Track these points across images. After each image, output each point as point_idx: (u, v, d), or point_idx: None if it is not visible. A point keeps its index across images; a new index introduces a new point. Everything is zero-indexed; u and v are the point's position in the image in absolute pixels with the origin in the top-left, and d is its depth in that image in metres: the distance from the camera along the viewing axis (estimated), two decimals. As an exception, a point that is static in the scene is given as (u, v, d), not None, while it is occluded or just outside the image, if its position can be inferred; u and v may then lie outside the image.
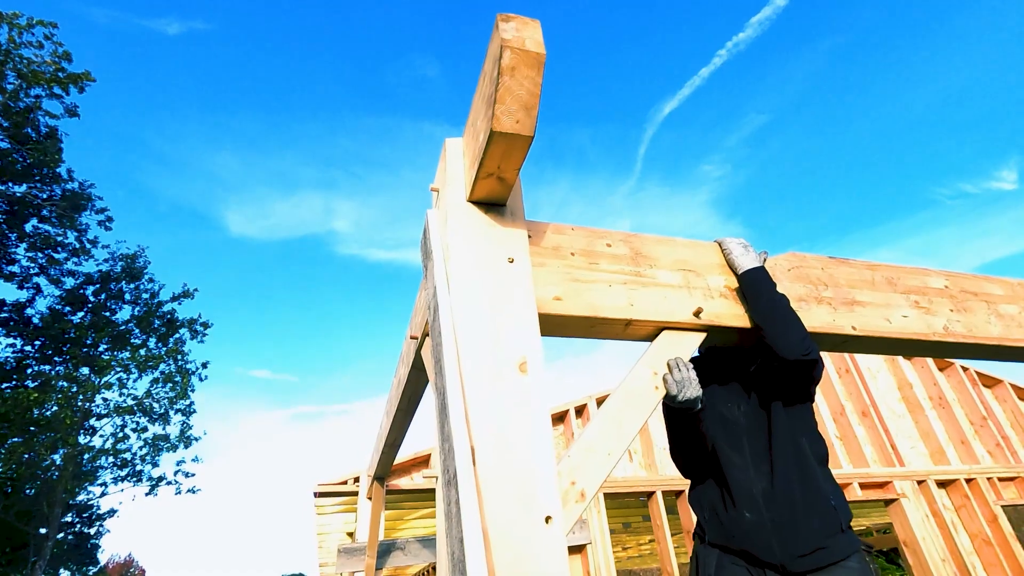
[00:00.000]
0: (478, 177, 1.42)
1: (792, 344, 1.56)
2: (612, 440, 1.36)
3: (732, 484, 1.62)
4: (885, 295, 1.92)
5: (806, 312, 1.76)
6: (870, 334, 1.79)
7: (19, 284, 15.14)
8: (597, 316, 1.51)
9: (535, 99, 1.29)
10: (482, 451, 1.15)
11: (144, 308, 16.66)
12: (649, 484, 5.97)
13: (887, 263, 2.04)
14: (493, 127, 1.28)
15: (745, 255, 1.73)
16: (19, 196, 14.25)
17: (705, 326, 1.63)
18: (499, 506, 1.10)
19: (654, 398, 1.48)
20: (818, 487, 1.54)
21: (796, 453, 1.59)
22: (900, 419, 7.70)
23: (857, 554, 1.48)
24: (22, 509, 14.71)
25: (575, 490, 1.27)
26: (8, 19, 13.21)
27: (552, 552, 1.09)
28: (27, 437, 13.54)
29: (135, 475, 15.96)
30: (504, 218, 1.52)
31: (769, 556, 1.49)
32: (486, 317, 1.33)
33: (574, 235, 1.64)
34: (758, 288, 1.65)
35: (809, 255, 1.93)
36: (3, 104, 13.42)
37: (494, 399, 1.23)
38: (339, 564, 4.38)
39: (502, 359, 1.29)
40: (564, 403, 6.61)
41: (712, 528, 1.66)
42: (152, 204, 73.67)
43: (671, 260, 1.71)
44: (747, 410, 1.72)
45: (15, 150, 13.88)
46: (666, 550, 5.68)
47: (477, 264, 1.40)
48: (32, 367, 14.91)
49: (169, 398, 15.95)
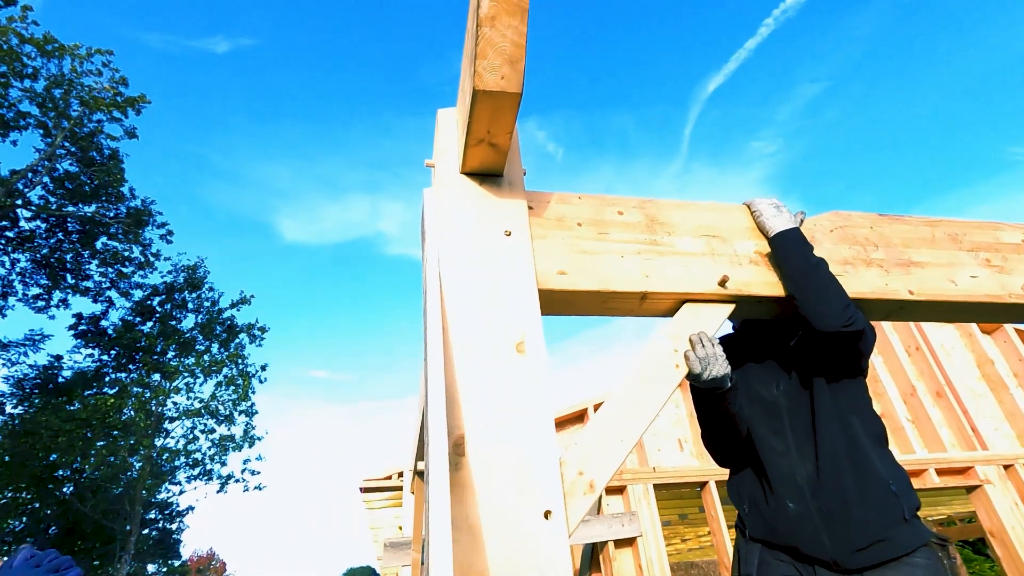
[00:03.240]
0: (468, 145, 1.31)
1: (831, 314, 1.37)
2: (626, 424, 1.23)
3: (772, 472, 1.45)
4: (949, 254, 1.68)
5: (852, 277, 1.55)
6: (931, 298, 1.56)
7: (93, 298, 16.23)
8: (608, 290, 1.37)
9: (520, 51, 1.17)
10: (473, 439, 1.05)
11: (206, 316, 17.53)
12: (701, 474, 5.72)
13: (949, 218, 1.79)
14: (476, 85, 1.16)
15: (777, 216, 1.54)
16: (89, 216, 15.24)
17: (732, 296, 1.46)
18: (492, 500, 1.00)
19: (675, 377, 1.33)
20: (874, 471, 1.34)
21: (845, 434, 1.40)
22: (981, 399, 7.07)
23: (926, 548, 1.28)
24: (108, 508, 15.81)
25: (583, 481, 1.14)
26: (70, 50, 14.09)
27: (552, 550, 0.97)
28: (109, 440, 14.51)
29: (206, 474, 16.86)
30: (500, 189, 1.40)
31: (818, 551, 1.31)
32: (480, 294, 1.22)
33: (581, 204, 1.51)
34: (790, 251, 1.46)
35: (855, 213, 1.71)
36: (70, 130, 14.36)
37: (488, 382, 1.12)
38: (385, 558, 4.40)
39: (497, 339, 1.18)
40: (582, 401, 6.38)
41: (753, 521, 1.50)
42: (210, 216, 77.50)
43: (692, 226, 1.54)
44: (787, 389, 1.54)
45: (83, 173, 14.84)
46: (722, 542, 5.42)
47: (470, 238, 1.30)
48: (109, 375, 15.98)
49: (232, 400, 16.74)
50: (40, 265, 15.42)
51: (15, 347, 15.27)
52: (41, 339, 15.56)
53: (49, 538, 16.22)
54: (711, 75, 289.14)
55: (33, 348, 15.46)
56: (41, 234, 15.18)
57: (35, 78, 13.77)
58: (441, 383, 0.98)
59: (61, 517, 15.98)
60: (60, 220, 15.19)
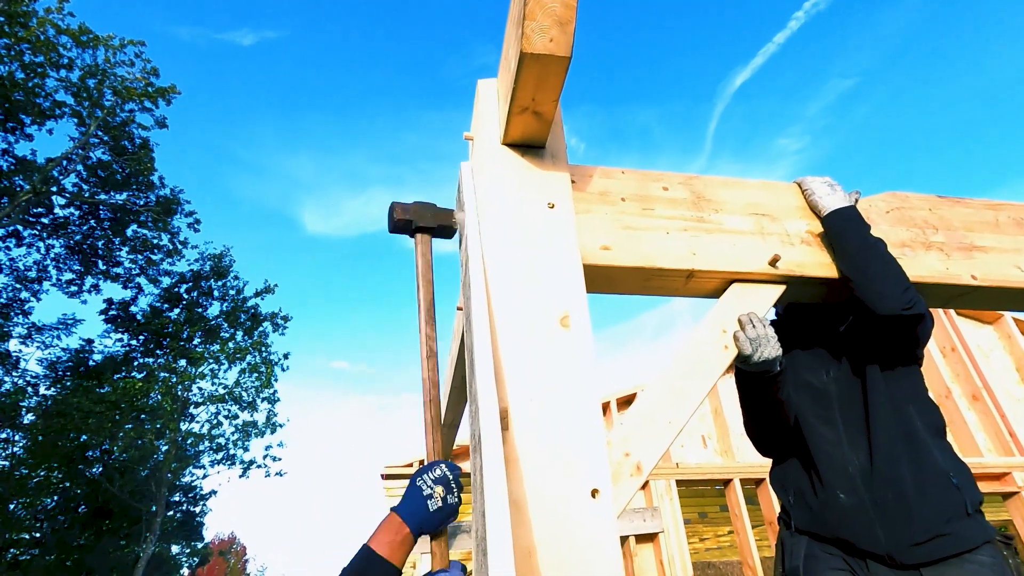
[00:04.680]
0: (511, 114, 1.27)
1: (890, 296, 1.29)
2: (673, 407, 1.17)
3: (822, 462, 1.38)
4: (1014, 239, 1.58)
5: (910, 260, 1.47)
6: (996, 284, 1.47)
7: (123, 284, 16.61)
8: (653, 267, 1.32)
9: (571, 12, 1.11)
10: (517, 413, 1.01)
11: (231, 304, 17.81)
12: (725, 471, 5.62)
13: (1013, 202, 1.69)
14: (523, 48, 1.11)
15: (831, 195, 1.46)
16: (120, 204, 15.58)
17: (783, 277, 1.39)
18: (537, 476, 0.95)
19: (723, 359, 1.27)
20: (933, 462, 1.27)
21: (901, 424, 1.32)
22: (1019, 404, 6.81)
23: (990, 545, 1.20)
24: (135, 489, 16.23)
25: (629, 462, 1.09)
26: (104, 41, 14.38)
27: (599, 530, 0.93)
28: (136, 423, 14.88)
29: (229, 458, 17.17)
30: (543, 160, 1.35)
31: (872, 545, 1.24)
32: (523, 267, 1.18)
33: (624, 179, 1.45)
34: (847, 231, 1.39)
35: (913, 194, 1.62)
36: (103, 119, 14.67)
37: (532, 356, 1.08)
38: (406, 545, 4.40)
39: (541, 313, 1.13)
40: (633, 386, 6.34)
41: (799, 513, 1.43)
42: (236, 206, 78.90)
43: (740, 204, 1.47)
44: (837, 376, 1.46)
45: (114, 161, 15.16)
46: (746, 542, 5.32)
47: (512, 210, 1.25)
48: (137, 359, 16.34)
49: (255, 387, 17.01)
50: (73, 251, 15.83)
51: (49, 331, 15.72)
52: (73, 323, 15.99)
53: (79, 516, 16.74)
54: (738, 70, 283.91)
55: (66, 332, 15.90)
56: (74, 221, 15.57)
57: (70, 68, 14.08)
58: (488, 354, 0.94)
59: (90, 496, 16.46)
60: (93, 207, 15.56)
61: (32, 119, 14.02)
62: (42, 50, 13.36)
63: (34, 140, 14.46)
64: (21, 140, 14.27)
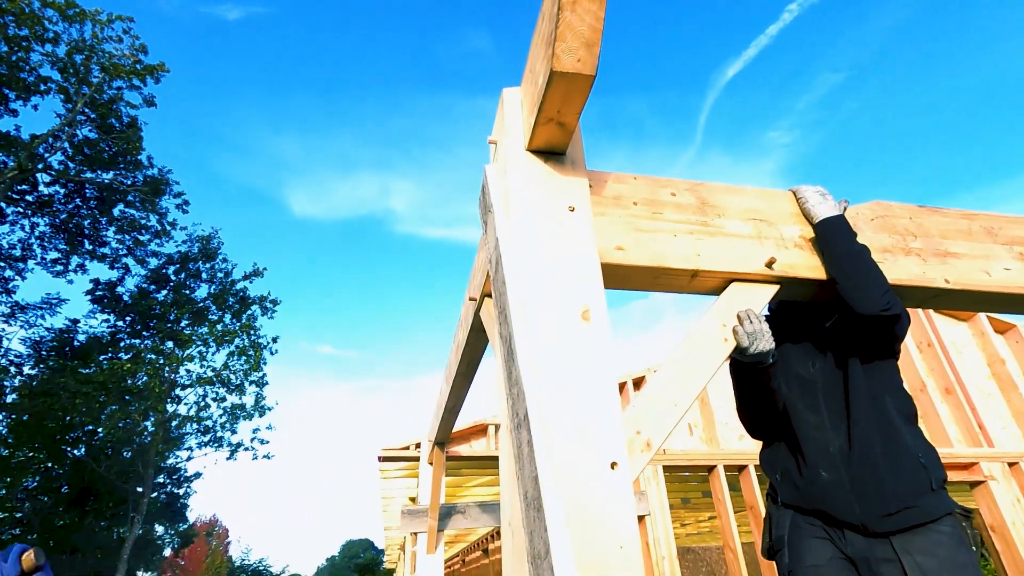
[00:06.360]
0: (537, 123, 1.39)
1: (871, 298, 1.45)
2: (678, 390, 1.32)
3: (807, 443, 1.54)
4: (984, 246, 1.75)
5: (892, 264, 1.63)
6: (966, 287, 1.64)
7: (110, 264, 16.45)
8: (661, 266, 1.46)
9: (597, 35, 1.23)
10: (546, 396, 1.14)
11: (219, 286, 17.74)
12: (710, 458, 5.84)
13: (986, 212, 1.86)
14: (553, 67, 1.23)
15: (822, 203, 1.61)
16: (107, 183, 15.37)
17: (778, 278, 1.54)
18: (564, 451, 1.09)
19: (722, 350, 1.42)
20: (904, 444, 1.44)
21: (877, 410, 1.49)
22: (989, 398, 7.13)
23: (951, 517, 1.37)
24: (121, 469, 16.22)
25: (640, 439, 1.24)
26: (91, 16, 14.10)
27: (619, 498, 1.07)
28: (123, 404, 14.84)
29: (216, 441, 17.21)
30: (564, 167, 1.48)
31: (849, 516, 1.41)
32: (548, 266, 1.31)
33: (636, 184, 1.58)
34: (835, 237, 1.54)
35: (895, 204, 1.78)
36: (90, 97, 14.43)
37: (557, 346, 1.21)
38: (403, 524, 4.56)
39: (565, 307, 1.26)
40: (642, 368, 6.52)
41: (785, 489, 1.60)
42: (220, 186, 77.75)
43: (740, 209, 1.62)
44: (822, 367, 1.62)
45: (102, 139, 14.94)
46: (728, 526, 5.56)
47: (538, 213, 1.38)
48: (124, 340, 16.26)
49: (244, 370, 17.02)
50: (58, 230, 15.62)
51: (33, 310, 15.55)
52: (58, 303, 15.83)
53: (62, 497, 16.69)
54: (730, 61, 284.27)
55: (50, 311, 15.74)
56: (60, 199, 15.35)
57: (56, 43, 13.81)
58: (528, 345, 1.07)
59: (75, 477, 16.42)
60: (79, 186, 15.35)
61: (16, 94, 13.75)
62: (27, 23, 13.08)
63: (19, 116, 14.14)
64: (5, 115, 13.99)
